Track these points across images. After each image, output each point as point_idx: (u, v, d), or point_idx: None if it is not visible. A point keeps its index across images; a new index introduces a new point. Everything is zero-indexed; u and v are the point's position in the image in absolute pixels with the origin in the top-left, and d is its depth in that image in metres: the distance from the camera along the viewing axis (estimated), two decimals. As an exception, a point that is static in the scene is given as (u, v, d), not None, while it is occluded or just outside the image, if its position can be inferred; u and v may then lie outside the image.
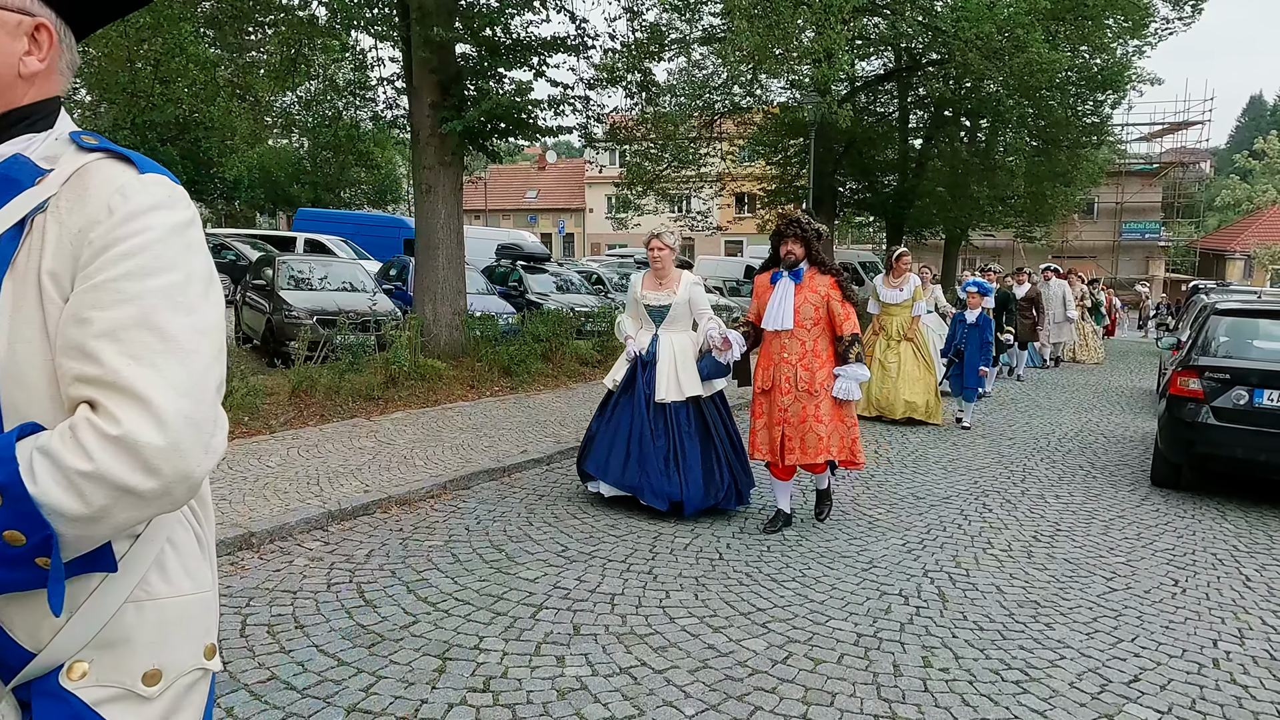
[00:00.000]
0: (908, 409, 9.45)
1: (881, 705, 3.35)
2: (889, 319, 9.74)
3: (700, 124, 22.65)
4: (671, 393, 5.59)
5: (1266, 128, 62.42)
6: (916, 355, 9.59)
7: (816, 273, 5.33)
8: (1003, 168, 22.12)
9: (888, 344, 9.65)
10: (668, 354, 5.67)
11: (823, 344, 5.31)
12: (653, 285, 5.81)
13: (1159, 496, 6.83)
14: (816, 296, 5.27)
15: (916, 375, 9.53)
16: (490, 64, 11.22)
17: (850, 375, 5.25)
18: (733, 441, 5.77)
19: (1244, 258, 41.54)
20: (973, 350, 9.37)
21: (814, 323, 5.28)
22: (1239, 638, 4.14)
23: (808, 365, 5.26)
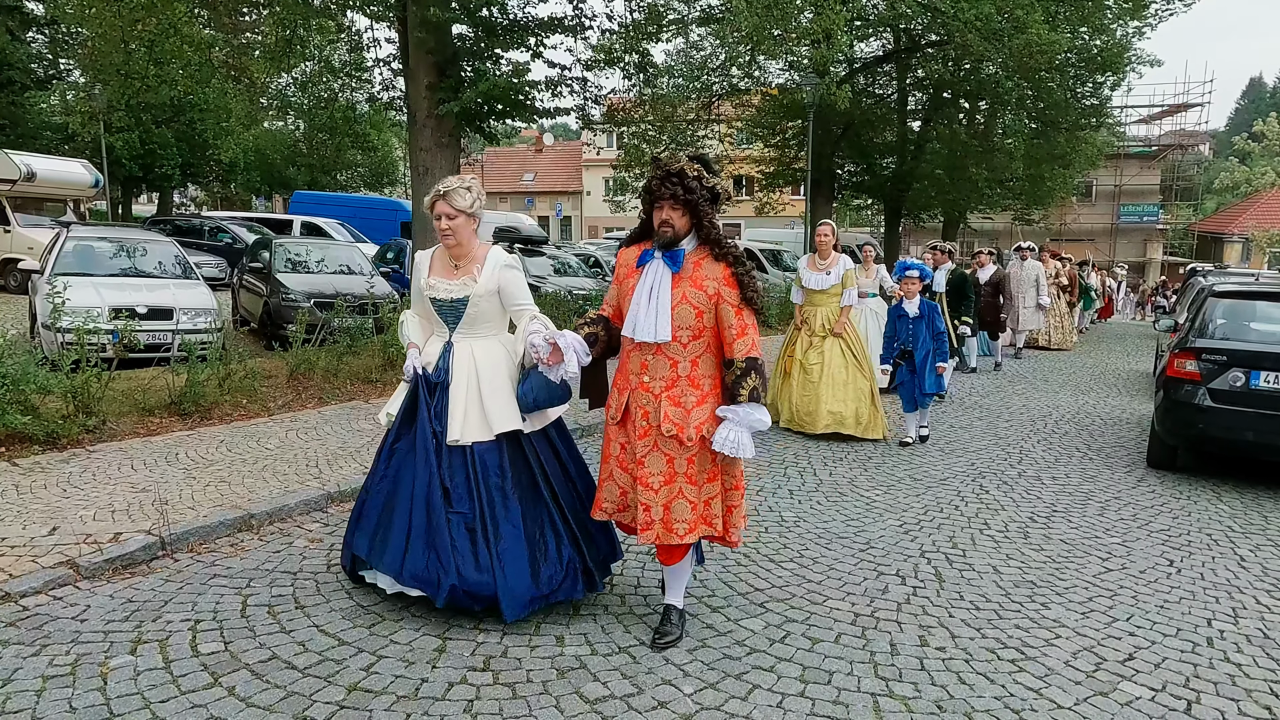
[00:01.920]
0: (833, 421, 7.56)
1: (879, 684, 3.38)
2: (813, 309, 7.87)
3: (698, 106, 22.58)
4: (473, 430, 3.71)
5: (1266, 110, 62.24)
6: (846, 355, 7.75)
7: (707, 257, 3.46)
8: (1001, 150, 22.06)
9: (810, 341, 7.83)
10: (467, 371, 3.78)
11: (705, 367, 3.47)
12: (444, 269, 3.86)
13: (1155, 478, 6.86)
14: (702, 295, 3.41)
15: (844, 380, 7.66)
16: (487, 45, 11.15)
17: (741, 421, 3.36)
18: (577, 494, 3.93)
19: (1242, 240, 41.57)
20: (922, 348, 7.45)
21: (695, 334, 3.43)
22: (1233, 617, 4.17)
23: (678, 398, 3.43)
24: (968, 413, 9.34)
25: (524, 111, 11.60)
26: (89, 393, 6.42)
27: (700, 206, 3.42)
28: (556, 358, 3.56)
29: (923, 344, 7.44)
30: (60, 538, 4.40)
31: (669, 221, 3.43)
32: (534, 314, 3.85)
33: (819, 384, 7.64)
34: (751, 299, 3.42)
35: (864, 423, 7.63)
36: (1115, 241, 43.06)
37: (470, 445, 3.71)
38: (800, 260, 8.42)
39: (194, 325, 9.07)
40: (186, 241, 16.97)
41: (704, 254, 3.48)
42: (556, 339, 3.56)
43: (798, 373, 7.81)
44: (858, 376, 7.71)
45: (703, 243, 3.50)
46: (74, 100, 27.44)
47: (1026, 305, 14.50)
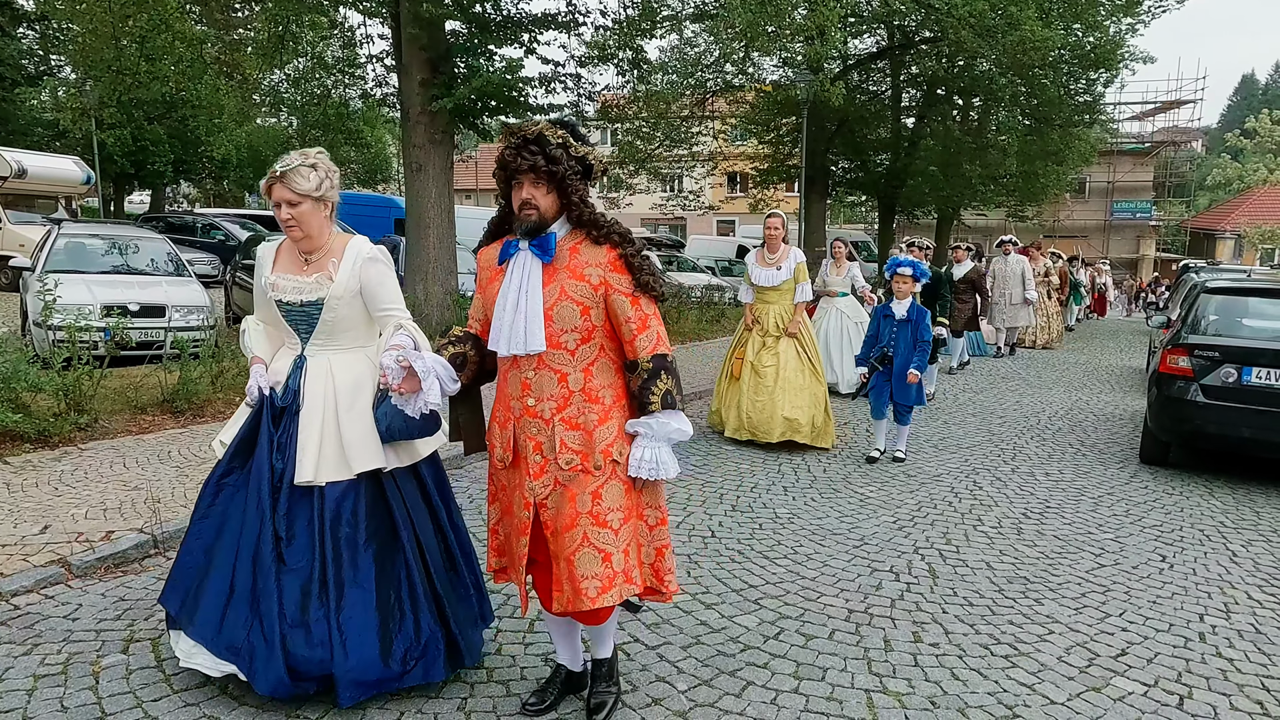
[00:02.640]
0: (788, 429, 6.97)
1: (872, 680, 3.38)
2: (764, 308, 7.20)
3: (692, 102, 22.57)
4: (328, 467, 2.98)
5: (1258, 107, 62.45)
6: (801, 357, 7.13)
7: (585, 241, 2.78)
8: (995, 147, 22.12)
9: (763, 342, 7.18)
10: (323, 393, 3.03)
11: (603, 375, 2.79)
12: (293, 264, 3.11)
13: (1148, 474, 6.88)
14: (585, 287, 2.73)
15: (800, 384, 7.05)
16: (480, 41, 11.13)
17: (658, 434, 2.73)
18: (447, 548, 3.20)
19: (1234, 237, 41.71)
20: (904, 354, 6.72)
21: (583, 336, 2.75)
22: (1225, 612, 4.19)
23: (575, 418, 2.74)
24: (961, 410, 9.36)
25: (518, 108, 11.58)
26: (81, 390, 6.39)
27: (568, 181, 2.72)
28: (412, 385, 2.73)
29: (904, 350, 6.69)
30: (52, 536, 4.38)
31: (531, 201, 2.71)
32: (401, 322, 3.01)
33: (774, 389, 6.98)
34: (648, 284, 2.74)
35: (817, 430, 7.09)
36: (1108, 238, 43.18)
37: (323, 486, 2.96)
38: (749, 255, 7.58)
39: (186, 323, 9.05)
40: (179, 238, 16.91)
41: (580, 238, 2.77)
42: (413, 360, 2.69)
43: (749, 376, 7.11)
44: (813, 381, 7.12)
45: (577, 225, 2.79)
46: (65, 96, 27.29)
47: (1013, 301, 14.03)
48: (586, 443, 2.73)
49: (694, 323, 15.15)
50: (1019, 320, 14.29)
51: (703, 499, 5.67)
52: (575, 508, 2.71)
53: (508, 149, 2.73)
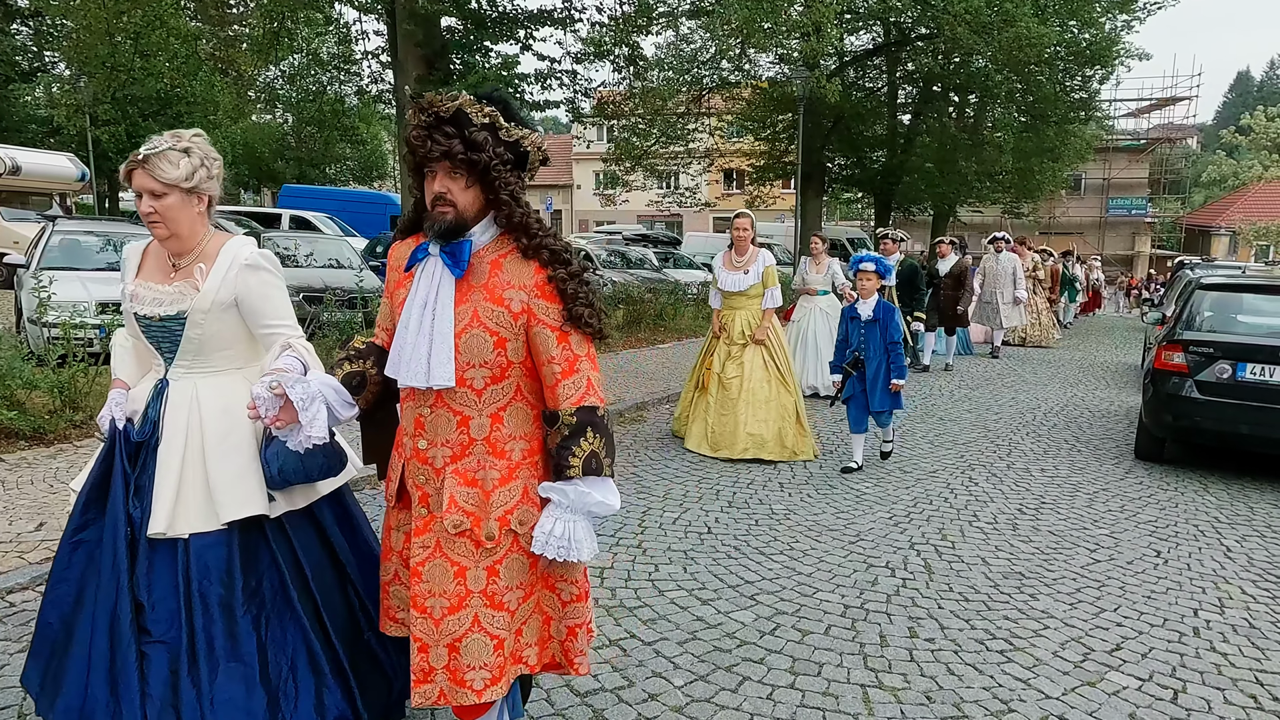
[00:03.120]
0: (751, 445, 6.53)
1: (868, 675, 3.39)
2: (731, 314, 6.80)
3: (688, 99, 22.55)
4: (190, 516, 2.43)
5: (1253, 104, 62.58)
6: (768, 367, 6.71)
7: (512, 253, 2.21)
8: (991, 143, 22.15)
9: (729, 352, 6.76)
10: (185, 425, 2.48)
11: (515, 423, 2.24)
12: (158, 270, 2.56)
13: (1142, 470, 6.90)
14: (502, 314, 2.16)
15: (765, 397, 6.63)
16: (476, 37, 11.13)
17: (575, 505, 2.19)
18: (355, 604, 2.66)
19: (1229, 233, 41.80)
20: (876, 358, 6.30)
21: (494, 374, 2.19)
22: (1219, 607, 4.21)
23: (471, 472, 2.21)
24: (957, 406, 9.38)
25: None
26: (76, 388, 6.38)
27: (494, 172, 2.11)
28: (288, 416, 2.21)
29: (876, 353, 6.29)
30: (47, 533, 4.37)
31: (447, 196, 2.12)
32: (289, 340, 2.47)
33: (737, 401, 6.59)
34: (582, 317, 2.13)
35: (789, 445, 6.63)
36: (1104, 234, 43.26)
37: (186, 539, 2.40)
38: (715, 258, 7.17)
39: (182, 319, 9.00)
40: (174, 235, 16.83)
41: (508, 248, 2.18)
42: (288, 388, 2.17)
43: (715, 388, 6.74)
44: (781, 392, 6.68)
45: (505, 230, 2.18)
46: (59, 93, 27.24)
47: (1005, 300, 13.53)
48: (481, 504, 2.17)
49: (691, 319, 15.18)
50: (1010, 320, 13.86)
51: (699, 495, 5.68)
52: (465, 586, 2.17)
53: (416, 129, 2.10)
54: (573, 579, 2.31)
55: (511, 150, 2.16)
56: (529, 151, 2.20)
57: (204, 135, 2.56)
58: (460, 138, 2.08)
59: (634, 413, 8.16)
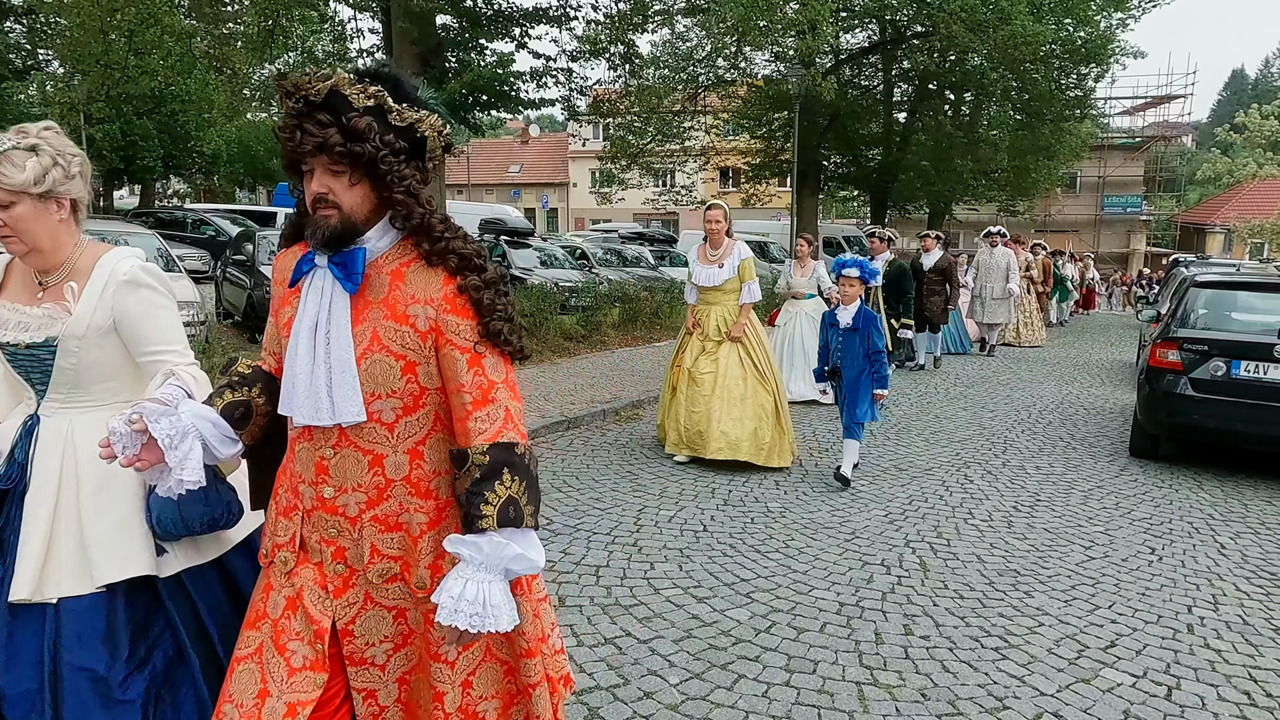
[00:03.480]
0: (725, 446, 6.11)
1: (863, 672, 3.40)
2: (706, 310, 6.47)
3: (684, 97, 22.55)
4: (61, 576, 2.00)
5: (1247, 102, 62.67)
6: (744, 364, 6.32)
7: (415, 262, 1.82)
8: (986, 141, 22.19)
9: (703, 347, 6.41)
10: (58, 470, 2.07)
11: (440, 454, 1.86)
12: (24, 289, 2.16)
13: (1137, 467, 6.92)
14: (407, 334, 1.78)
15: (740, 394, 6.23)
16: (471, 35, 11.11)
17: (489, 562, 1.71)
18: None
19: (1224, 231, 41.90)
20: (853, 367, 5.91)
21: (406, 404, 1.82)
22: (1213, 604, 4.22)
23: (393, 517, 1.86)
24: (952, 403, 9.39)
25: (509, 102, 11.58)
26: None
27: (385, 165, 1.72)
28: (152, 456, 1.81)
29: (853, 362, 5.91)
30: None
31: (329, 197, 1.74)
32: (174, 369, 2.07)
33: (710, 398, 6.20)
34: (500, 333, 1.77)
35: (766, 447, 6.20)
36: (1099, 233, 43.35)
37: (56, 603, 1.98)
38: (690, 252, 6.82)
39: (176, 318, 8.98)
40: (169, 234, 16.85)
41: (409, 255, 1.80)
42: (150, 422, 1.77)
43: (685, 385, 6.35)
44: (758, 391, 6.26)
45: (406, 234, 1.80)
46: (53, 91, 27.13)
47: (995, 296, 13.20)
48: (409, 549, 1.82)
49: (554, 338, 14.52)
50: (998, 316, 13.48)
51: (695, 493, 5.68)
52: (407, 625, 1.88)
53: (285, 120, 1.72)
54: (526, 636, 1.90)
55: (405, 137, 1.76)
56: (427, 137, 1.78)
57: (56, 128, 2.12)
58: (338, 126, 1.68)
59: (630, 411, 8.16)
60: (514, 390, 1.83)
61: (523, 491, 1.73)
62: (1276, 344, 6.29)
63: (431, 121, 1.79)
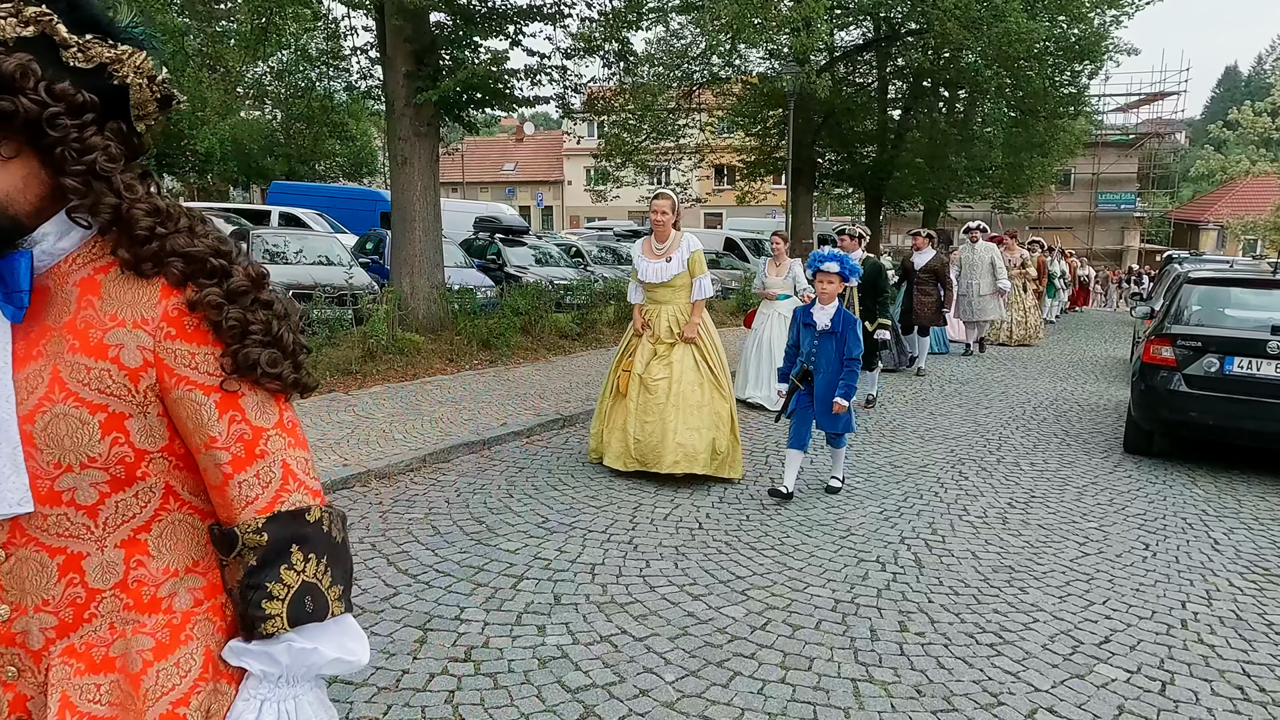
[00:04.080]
0: (682, 458, 5.59)
1: (859, 669, 3.40)
2: (655, 309, 5.93)
3: (679, 95, 22.52)
4: None
5: (1241, 98, 62.82)
6: (700, 368, 5.83)
7: (114, 269, 1.14)
8: (981, 138, 22.21)
9: (654, 350, 5.87)
10: None
11: (173, 550, 1.21)
12: None
13: (1131, 463, 6.94)
14: (104, 372, 1.11)
15: (697, 401, 5.73)
16: (465, 32, 11.07)
17: (292, 673, 1.19)
18: None
19: (1217, 228, 42.03)
20: (827, 372, 5.42)
21: (115, 476, 1.14)
22: (1207, 599, 4.23)
23: (101, 649, 1.16)
24: (947, 400, 9.41)
25: (503, 100, 11.55)
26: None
27: (56, 129, 1.09)
28: None
29: (829, 367, 5.42)
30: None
31: None
32: None
33: (665, 406, 5.66)
34: (257, 362, 1.17)
35: (721, 455, 5.77)
36: (1093, 229, 43.46)
37: None
38: (634, 246, 6.25)
39: (170, 317, 8.98)
40: (162, 233, 16.74)
41: (103, 260, 1.17)
42: None
43: (636, 392, 5.78)
44: (715, 397, 5.80)
45: (99, 230, 1.16)
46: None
47: (982, 293, 12.67)
48: (127, 699, 1.17)
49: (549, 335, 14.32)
50: (987, 314, 12.95)
51: (690, 490, 5.68)
52: None
53: None
54: None
55: (91, 85, 1.13)
56: (129, 85, 1.16)
57: None
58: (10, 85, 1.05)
59: (625, 409, 8.15)
60: (294, 433, 1.24)
61: (324, 572, 1.22)
62: (1270, 340, 6.31)
63: (135, 61, 1.16)
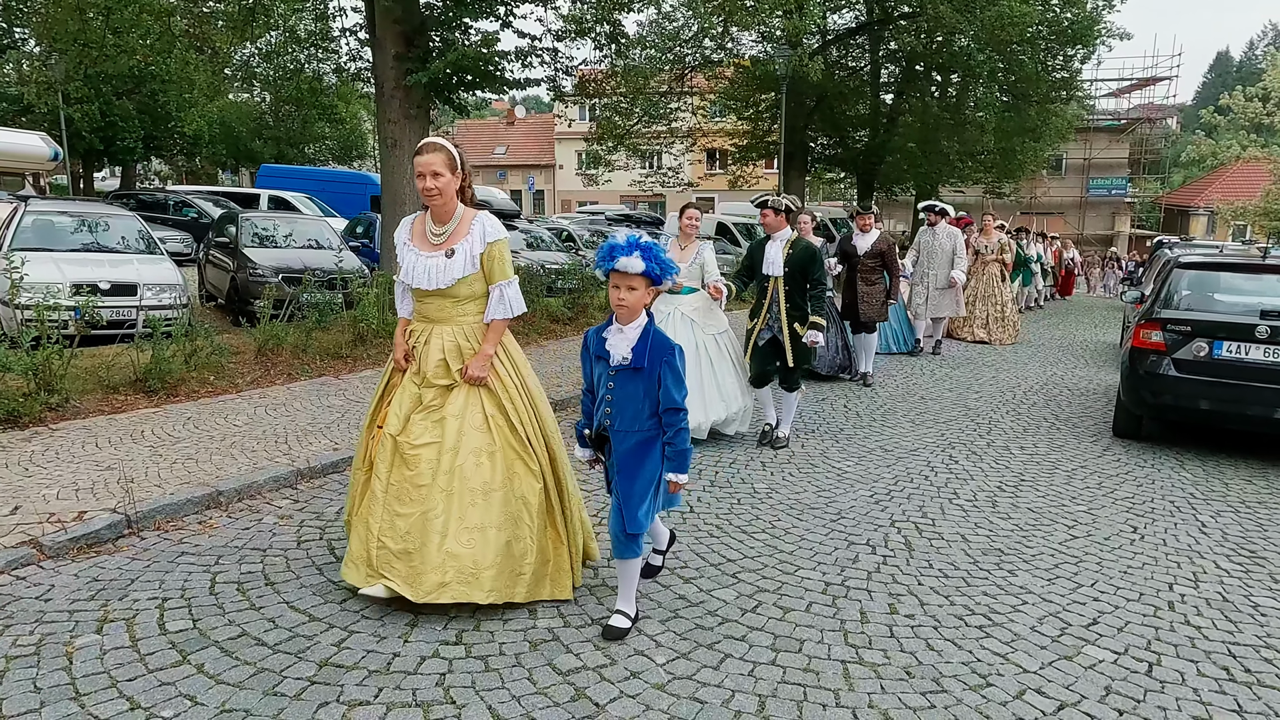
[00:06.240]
0: (450, 577, 3.47)
1: (849, 651, 3.42)
2: (424, 330, 3.76)
3: (671, 78, 22.43)
4: None
5: (1232, 84, 62.83)
6: (492, 425, 3.68)
7: None
8: (973, 123, 22.18)
9: (418, 397, 3.72)
10: None
11: None
12: None
13: (1120, 447, 6.97)
14: None
15: (484, 482, 3.60)
16: (455, 13, 10.98)
17: None
18: None
19: (1207, 213, 42.12)
20: (631, 429, 3.37)
21: None
22: (1193, 581, 4.26)
23: None
24: (937, 385, 9.43)
25: (494, 82, 11.48)
26: (50, 370, 6.29)
27: None
28: None
29: (631, 420, 3.34)
30: (23, 517, 4.32)
31: None
32: None
33: (429, 491, 3.52)
34: None
35: (528, 572, 3.60)
36: (1084, 214, 43.52)
37: None
38: (399, 231, 3.84)
39: (159, 301, 8.93)
40: (151, 216, 16.67)
41: None
42: None
43: (388, 467, 3.61)
44: (516, 473, 3.63)
45: None
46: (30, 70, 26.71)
47: (939, 285, 11.21)
48: None
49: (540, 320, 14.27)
50: (943, 309, 11.42)
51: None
52: None
53: None
54: None
55: None
56: None
57: None
58: None
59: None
60: None
61: None
62: (1258, 324, 6.34)
63: None
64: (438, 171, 3.56)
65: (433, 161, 3.56)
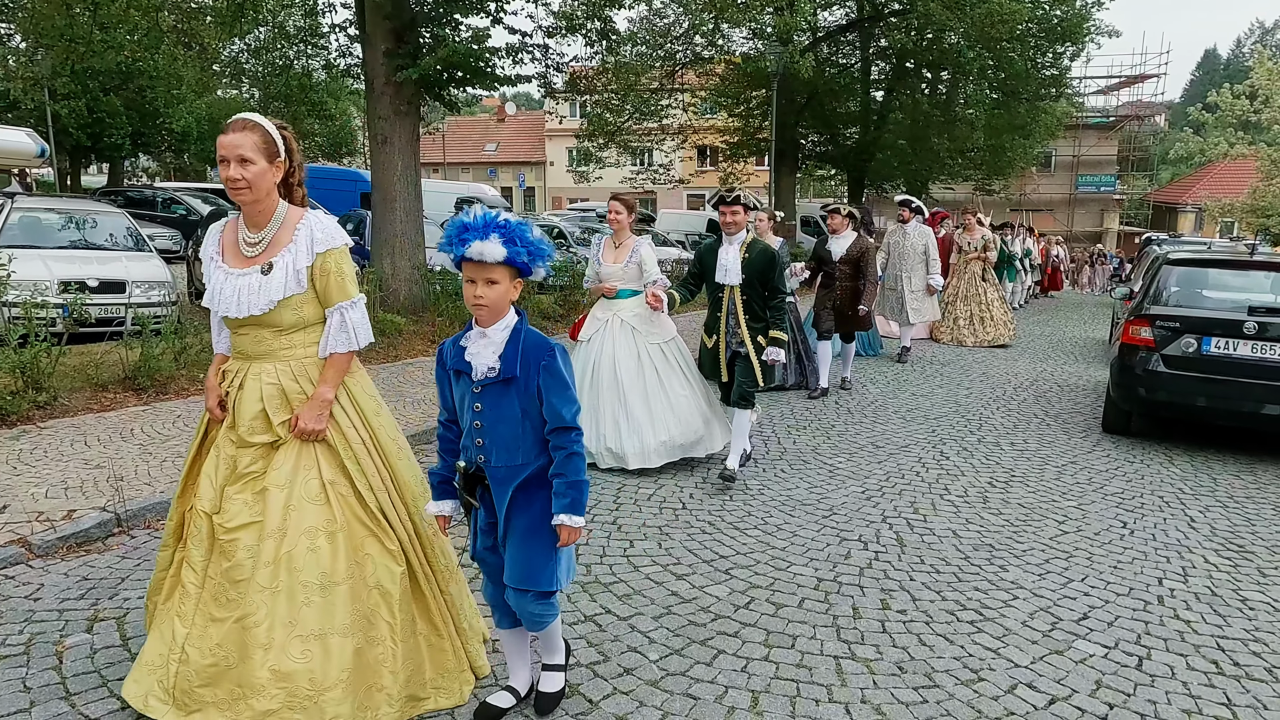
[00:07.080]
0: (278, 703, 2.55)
1: (841, 646, 3.43)
2: (242, 367, 2.84)
3: (662, 75, 22.42)
4: None
5: (1220, 81, 63.14)
6: (332, 495, 2.73)
7: None
8: (963, 120, 22.26)
9: (233, 464, 2.76)
10: None
11: None
12: None
13: (1110, 443, 7.01)
14: None
15: (326, 572, 2.64)
16: (446, 9, 10.93)
17: None
18: None
19: (1195, 210, 42.35)
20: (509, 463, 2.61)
21: None
22: (1183, 576, 4.29)
23: None
24: (928, 381, 9.46)
25: (484, 79, 11.43)
26: (39, 368, 6.25)
27: None
28: None
29: (508, 450, 2.61)
30: (11, 515, 4.29)
31: None
32: None
33: (248, 584, 2.62)
34: None
35: (392, 679, 2.71)
36: (1073, 211, 43.70)
37: None
38: (207, 239, 2.94)
39: (147, 298, 8.87)
40: (139, 213, 16.54)
41: None
42: None
43: (204, 553, 2.72)
44: (369, 556, 2.74)
45: None
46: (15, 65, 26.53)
47: (914, 288, 10.48)
48: None
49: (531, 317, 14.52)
50: (920, 314, 10.71)
51: (673, 471, 5.69)
52: None
53: None
54: None
55: None
56: None
57: None
58: None
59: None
60: None
61: None
62: (1247, 321, 6.38)
63: None
64: (245, 157, 2.63)
65: (239, 143, 2.63)
